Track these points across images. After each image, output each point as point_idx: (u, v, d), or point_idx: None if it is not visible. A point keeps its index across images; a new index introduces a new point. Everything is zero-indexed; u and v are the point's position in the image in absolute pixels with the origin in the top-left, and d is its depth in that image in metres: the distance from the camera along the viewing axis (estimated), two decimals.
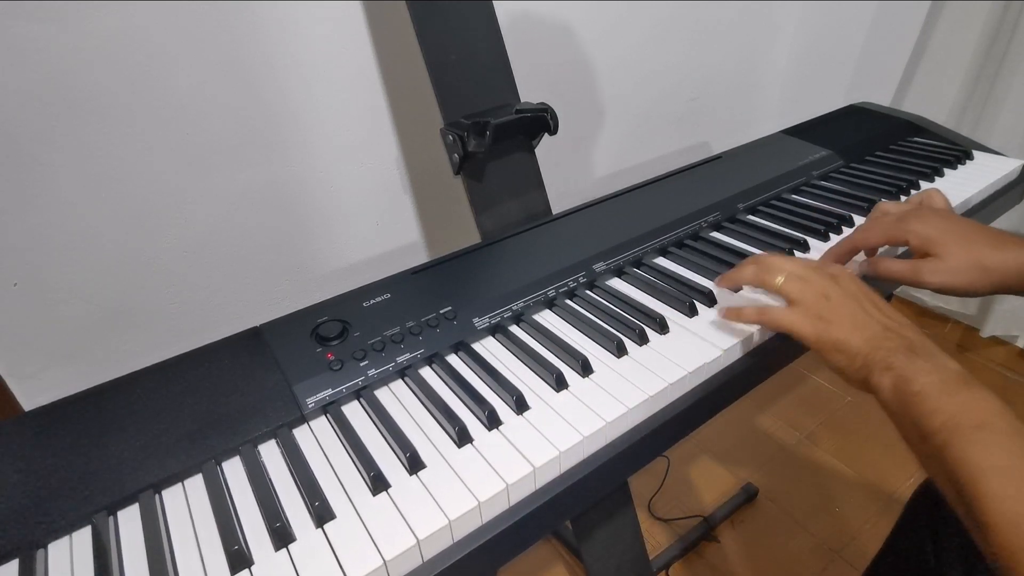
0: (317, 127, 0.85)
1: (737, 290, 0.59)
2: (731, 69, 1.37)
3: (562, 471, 0.44)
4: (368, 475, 0.42)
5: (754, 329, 0.54)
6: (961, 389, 0.39)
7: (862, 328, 0.46)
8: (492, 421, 0.46)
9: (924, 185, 0.80)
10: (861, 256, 0.61)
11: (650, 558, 0.98)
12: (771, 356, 0.56)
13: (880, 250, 0.64)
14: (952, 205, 0.62)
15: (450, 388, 0.50)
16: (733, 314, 0.53)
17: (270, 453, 0.45)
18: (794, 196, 0.78)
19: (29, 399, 0.76)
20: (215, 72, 0.74)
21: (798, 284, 0.49)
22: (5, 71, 0.62)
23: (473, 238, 0.70)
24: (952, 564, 0.55)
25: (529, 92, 0.75)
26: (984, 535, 0.34)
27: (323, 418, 0.48)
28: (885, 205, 0.61)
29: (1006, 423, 0.36)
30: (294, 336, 0.53)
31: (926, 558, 0.59)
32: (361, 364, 0.50)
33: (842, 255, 0.60)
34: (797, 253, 0.65)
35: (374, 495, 0.41)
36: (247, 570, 0.37)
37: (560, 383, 0.49)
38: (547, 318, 0.58)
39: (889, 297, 0.66)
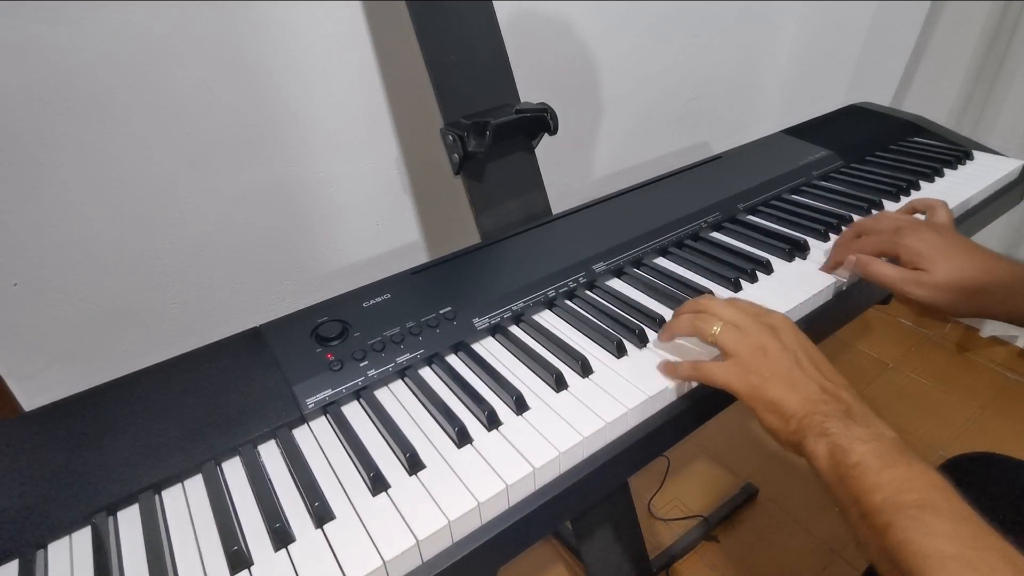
0: (317, 127, 0.85)
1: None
2: (731, 69, 1.36)
3: (562, 471, 0.44)
4: (368, 475, 0.42)
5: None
6: (900, 461, 0.37)
7: (798, 388, 0.43)
8: (492, 421, 0.46)
9: (924, 185, 0.80)
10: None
11: (650, 558, 0.98)
12: None
13: None
14: (954, 218, 0.62)
15: (450, 388, 0.50)
16: (669, 369, 0.50)
17: (270, 453, 0.45)
18: (794, 196, 0.78)
19: (29, 399, 0.76)
20: (215, 72, 0.74)
21: (734, 335, 0.46)
22: (5, 71, 0.62)
23: (473, 238, 0.70)
24: None
25: (529, 92, 0.75)
26: None
27: (323, 418, 0.48)
28: (888, 213, 0.61)
29: (948, 503, 0.34)
30: (294, 336, 0.53)
31: None
32: (361, 364, 0.50)
33: (840, 261, 0.61)
34: (797, 253, 0.65)
35: (374, 495, 0.41)
36: (247, 570, 0.37)
37: (560, 383, 0.49)
38: (547, 318, 0.58)
39: (889, 298, 0.66)
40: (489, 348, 0.55)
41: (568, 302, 0.60)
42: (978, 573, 0.31)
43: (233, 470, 0.44)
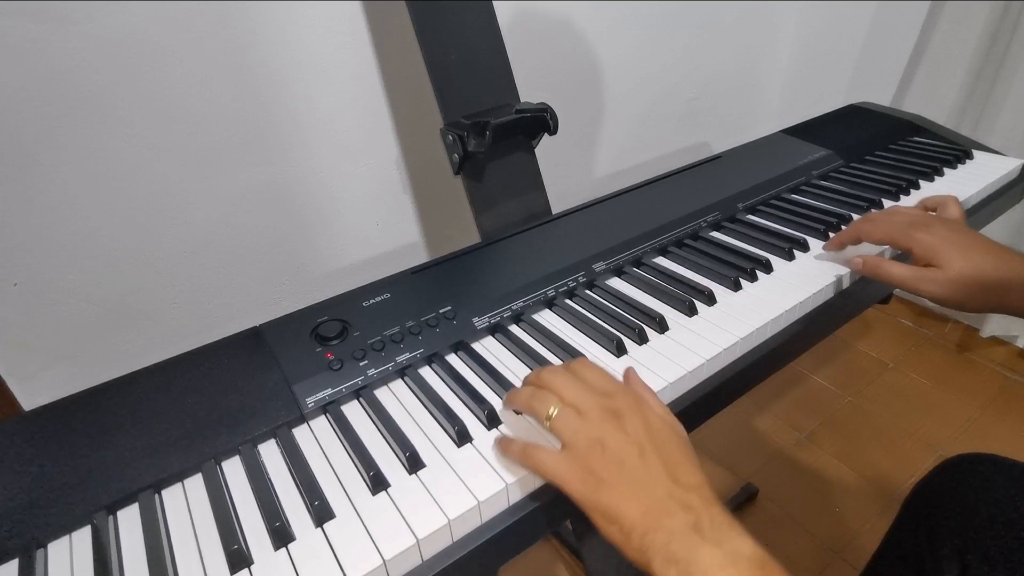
0: (317, 127, 0.85)
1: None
2: (731, 69, 1.37)
3: None
4: (368, 475, 0.42)
5: (754, 328, 0.54)
6: None
7: (641, 493, 0.37)
8: (492, 420, 0.46)
9: (924, 184, 0.80)
10: (857, 250, 0.62)
11: None
12: (772, 355, 0.56)
13: (884, 250, 0.64)
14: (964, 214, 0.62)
15: (450, 388, 0.50)
16: (502, 447, 0.43)
17: (270, 453, 0.45)
18: (794, 196, 0.78)
19: (29, 399, 0.76)
20: (216, 72, 0.74)
21: (572, 422, 0.40)
22: (6, 71, 0.62)
23: (473, 238, 0.70)
24: (949, 565, 0.55)
25: (529, 92, 0.75)
26: None
27: (323, 418, 0.48)
28: (901, 207, 0.61)
29: None
30: (294, 336, 0.53)
31: (922, 558, 0.59)
32: (361, 364, 0.50)
33: (846, 241, 0.62)
34: (797, 252, 0.65)
35: (374, 495, 0.41)
36: (247, 569, 0.37)
37: None
38: (547, 318, 0.58)
39: (889, 297, 0.66)
40: (489, 347, 0.55)
41: (568, 301, 0.60)
42: None
43: (233, 469, 0.44)
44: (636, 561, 0.36)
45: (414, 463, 0.43)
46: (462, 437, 0.45)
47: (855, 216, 0.71)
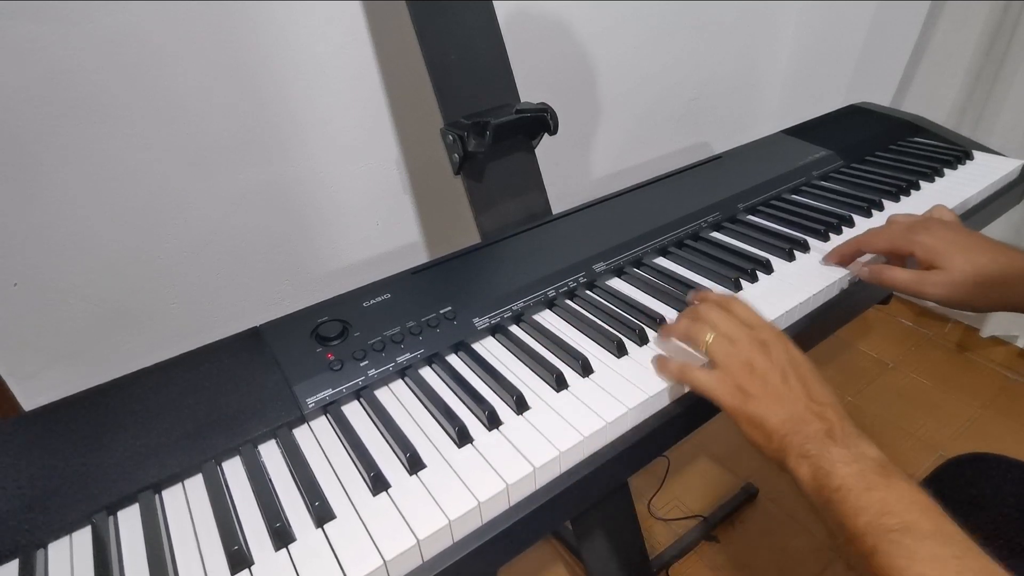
0: (317, 127, 0.85)
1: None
2: (731, 69, 1.37)
3: (562, 471, 0.44)
4: (368, 475, 0.42)
5: None
6: (881, 483, 0.37)
7: (782, 406, 0.43)
8: (492, 421, 0.46)
9: (924, 185, 0.80)
10: (863, 258, 0.62)
11: (650, 558, 0.98)
12: None
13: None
14: (958, 216, 0.62)
15: (450, 388, 0.50)
16: (660, 365, 0.50)
17: (270, 453, 0.45)
18: (794, 196, 0.78)
19: (29, 399, 0.76)
20: (216, 72, 0.74)
21: (725, 347, 0.46)
22: (6, 71, 0.62)
23: (473, 238, 0.70)
24: None
25: (529, 92, 0.75)
26: None
27: (323, 418, 0.48)
28: (898, 216, 0.61)
29: (931, 523, 0.34)
30: (294, 336, 0.53)
31: None
32: (361, 364, 0.50)
33: (846, 255, 0.61)
34: (797, 253, 0.65)
35: (374, 495, 0.41)
36: (247, 570, 0.37)
37: (560, 383, 0.49)
38: (547, 318, 0.58)
39: (889, 298, 0.66)
40: (489, 348, 0.55)
41: (568, 302, 0.60)
42: None
43: (233, 470, 0.44)
44: (772, 459, 0.43)
45: (414, 463, 0.43)
46: (462, 437, 0.45)
47: (855, 217, 0.71)
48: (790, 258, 0.65)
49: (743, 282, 0.61)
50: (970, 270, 0.51)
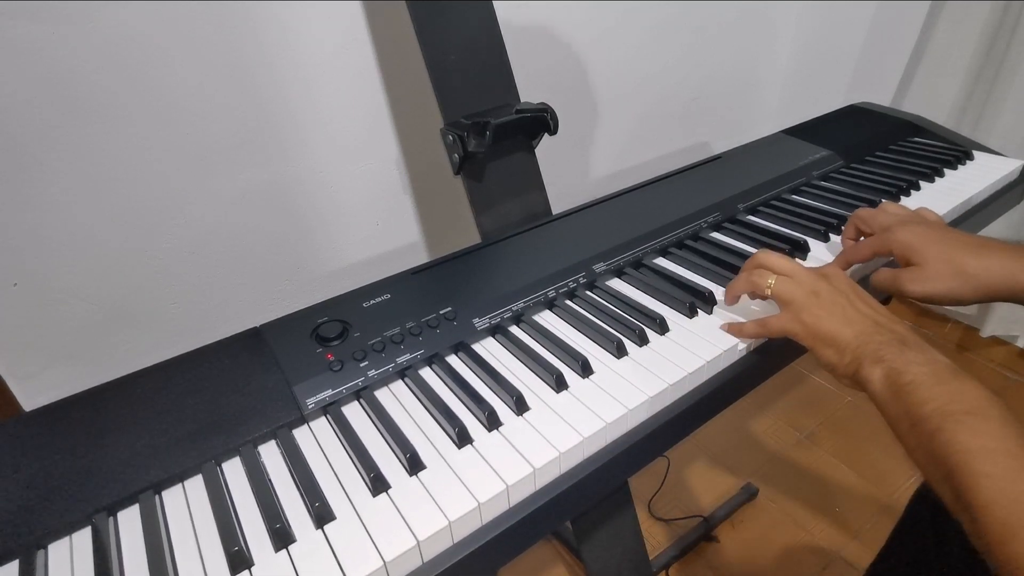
0: (317, 127, 0.85)
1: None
2: (731, 69, 1.36)
3: (562, 472, 0.44)
4: (368, 476, 0.42)
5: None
6: (952, 379, 0.39)
7: (853, 323, 0.46)
8: (492, 422, 0.46)
9: (924, 185, 0.80)
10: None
11: (650, 558, 0.98)
12: (771, 356, 0.56)
13: None
14: (943, 218, 0.61)
15: (450, 389, 0.50)
16: (735, 329, 0.54)
17: (270, 453, 0.45)
18: (794, 196, 0.78)
19: (29, 399, 0.76)
20: (215, 72, 0.74)
21: (788, 284, 0.49)
22: (5, 71, 0.62)
23: (473, 238, 0.70)
24: (956, 566, 0.55)
25: (529, 92, 0.75)
26: (972, 516, 0.34)
27: (323, 418, 0.48)
28: (888, 205, 0.60)
29: (997, 411, 0.36)
30: (294, 336, 0.53)
31: (928, 560, 0.58)
32: (361, 364, 0.50)
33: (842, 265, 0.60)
34: (797, 254, 0.65)
35: (374, 496, 0.41)
36: (247, 571, 0.37)
37: (560, 384, 0.49)
38: (547, 319, 0.58)
39: (887, 300, 0.66)
40: (489, 348, 0.55)
41: (568, 302, 0.60)
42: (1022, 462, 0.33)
43: (233, 470, 0.44)
44: (844, 375, 0.45)
45: (414, 464, 0.43)
46: (462, 438, 0.45)
47: None
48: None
49: None
50: (946, 262, 0.51)
